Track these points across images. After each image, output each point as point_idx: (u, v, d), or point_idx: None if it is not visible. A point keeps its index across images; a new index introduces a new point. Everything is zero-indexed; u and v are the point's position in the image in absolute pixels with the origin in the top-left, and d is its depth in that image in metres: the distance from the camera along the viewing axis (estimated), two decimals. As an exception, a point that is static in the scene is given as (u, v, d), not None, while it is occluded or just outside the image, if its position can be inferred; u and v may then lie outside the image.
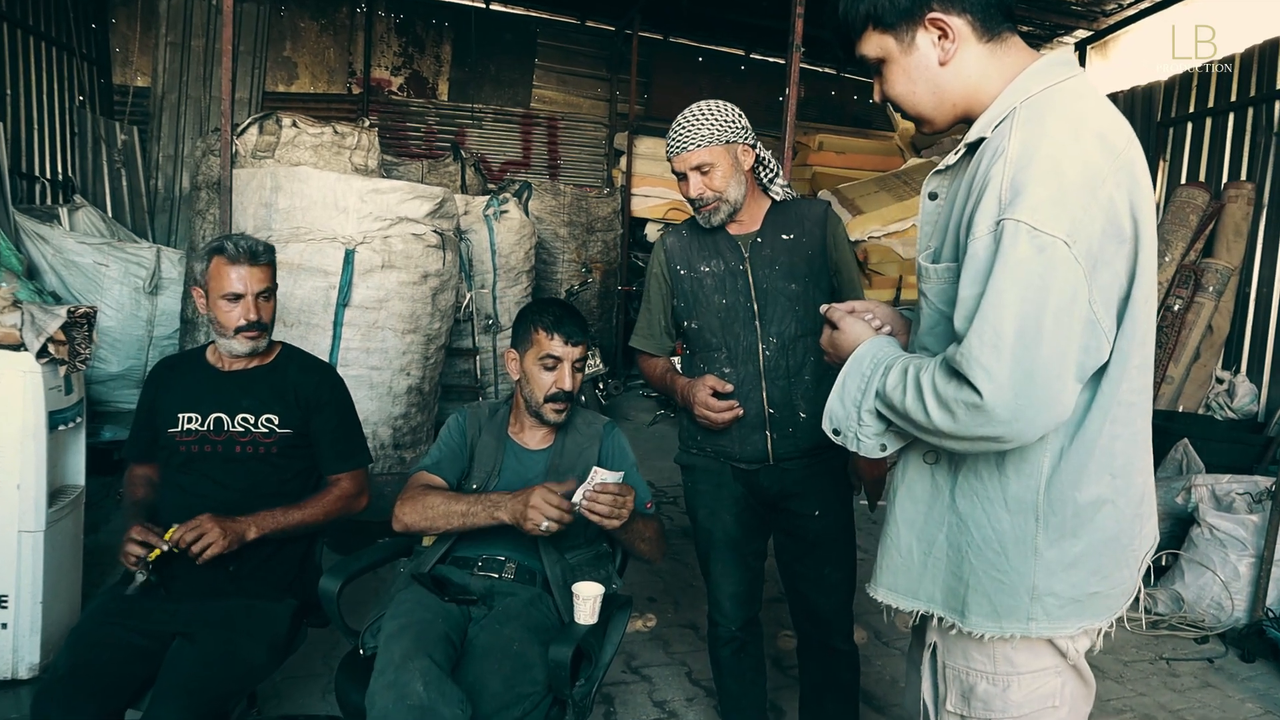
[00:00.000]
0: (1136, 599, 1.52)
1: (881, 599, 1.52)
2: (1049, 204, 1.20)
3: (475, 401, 2.53)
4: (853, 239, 7.44)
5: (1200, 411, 6.05)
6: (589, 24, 9.61)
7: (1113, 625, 1.46)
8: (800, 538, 2.42)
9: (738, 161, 2.28)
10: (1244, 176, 6.12)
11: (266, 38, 8.52)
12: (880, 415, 1.41)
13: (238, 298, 2.33)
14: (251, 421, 2.34)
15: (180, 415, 2.34)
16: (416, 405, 4.63)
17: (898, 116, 9.45)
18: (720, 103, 2.30)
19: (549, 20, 9.53)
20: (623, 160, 8.95)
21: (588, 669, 2.02)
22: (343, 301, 4.30)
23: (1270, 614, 3.86)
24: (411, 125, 9.07)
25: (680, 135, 2.25)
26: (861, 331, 1.52)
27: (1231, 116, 6.29)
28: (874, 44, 1.42)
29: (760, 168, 2.38)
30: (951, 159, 1.44)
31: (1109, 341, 1.29)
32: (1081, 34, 7.99)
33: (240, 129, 5.48)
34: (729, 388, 2.30)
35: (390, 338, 4.45)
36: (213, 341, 2.44)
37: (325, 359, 4.31)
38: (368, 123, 6.76)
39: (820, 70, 10.36)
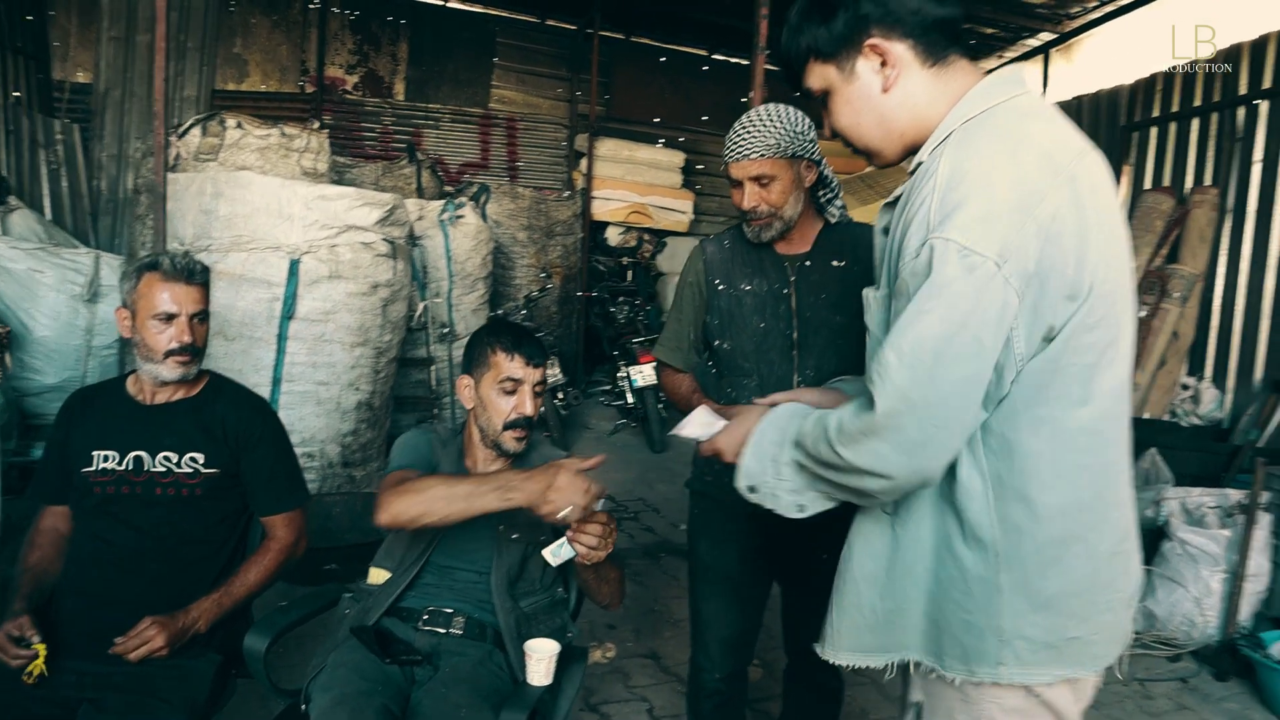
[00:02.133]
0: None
1: (846, 661, 1.42)
2: (979, 223, 1.17)
3: (431, 422, 2.34)
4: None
5: (1166, 418, 6.02)
6: (549, 23, 9.44)
7: (1102, 676, 1.37)
8: (804, 580, 2.27)
9: (800, 178, 2.10)
10: (1209, 182, 6.10)
11: (215, 33, 8.22)
12: (799, 467, 1.35)
13: (170, 318, 2.12)
14: (174, 460, 2.13)
15: (95, 453, 2.12)
16: (366, 421, 4.44)
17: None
18: (791, 110, 2.10)
19: (508, 19, 9.33)
20: (583, 162, 8.78)
21: (541, 731, 1.86)
22: (287, 314, 4.09)
23: (1243, 631, 3.79)
24: (366, 125, 8.82)
25: (743, 140, 2.05)
26: (753, 411, 1.49)
27: (1196, 121, 6.27)
28: (817, 76, 1.40)
29: (820, 187, 2.20)
30: (899, 190, 1.37)
31: (1016, 368, 1.23)
32: (1046, 37, 7.98)
33: (182, 130, 5.24)
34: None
35: (338, 351, 4.25)
36: (133, 371, 2.23)
37: (269, 374, 4.12)
38: (318, 124, 6.54)
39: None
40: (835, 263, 2.16)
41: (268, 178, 4.22)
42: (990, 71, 1.38)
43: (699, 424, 1.63)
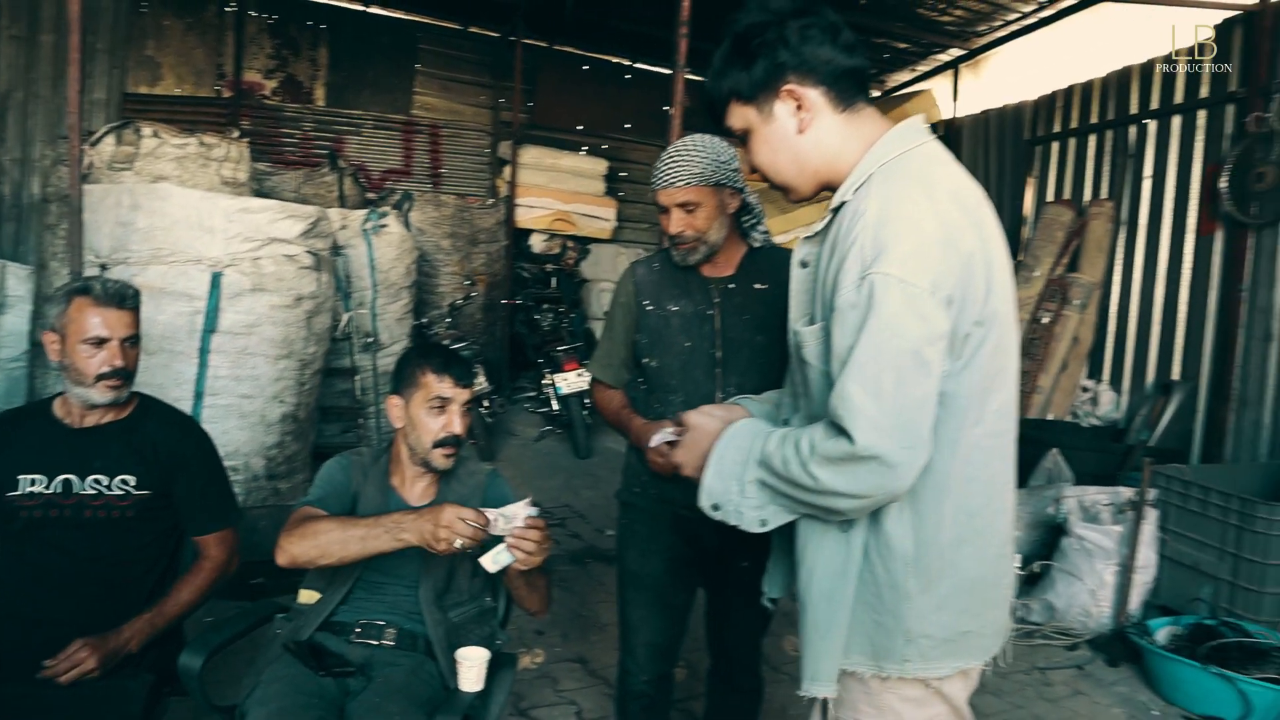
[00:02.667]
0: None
1: (825, 693, 1.45)
2: (911, 257, 1.29)
3: (357, 448, 2.39)
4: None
5: (1068, 419, 6.34)
6: (472, 30, 9.41)
7: (989, 665, 1.52)
8: (727, 586, 2.40)
9: (724, 205, 2.21)
10: (1105, 195, 6.44)
11: (126, 35, 8.02)
12: (764, 485, 1.43)
13: (101, 343, 2.13)
14: (105, 483, 2.14)
15: (21, 477, 2.12)
16: (291, 433, 4.42)
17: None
18: (716, 140, 2.21)
19: (430, 25, 9.28)
20: (507, 169, 8.80)
21: (472, 736, 1.93)
22: (209, 327, 4.06)
23: (1132, 620, 4.04)
24: (286, 131, 8.68)
25: (671, 169, 2.16)
26: (713, 422, 1.57)
27: (1093, 137, 6.61)
28: (738, 116, 1.51)
29: (745, 213, 2.31)
30: (819, 225, 1.48)
31: (941, 385, 1.34)
32: (955, 53, 8.28)
33: (95, 138, 5.13)
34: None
35: (262, 364, 4.22)
36: (61, 394, 2.23)
37: (190, 388, 4.08)
38: (237, 131, 6.45)
39: (703, 80, 10.41)
40: (758, 285, 2.29)
41: (188, 190, 4.18)
42: (902, 86, 1.51)
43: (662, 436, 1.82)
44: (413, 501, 2.22)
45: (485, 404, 6.56)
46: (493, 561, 1.94)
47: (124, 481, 2.16)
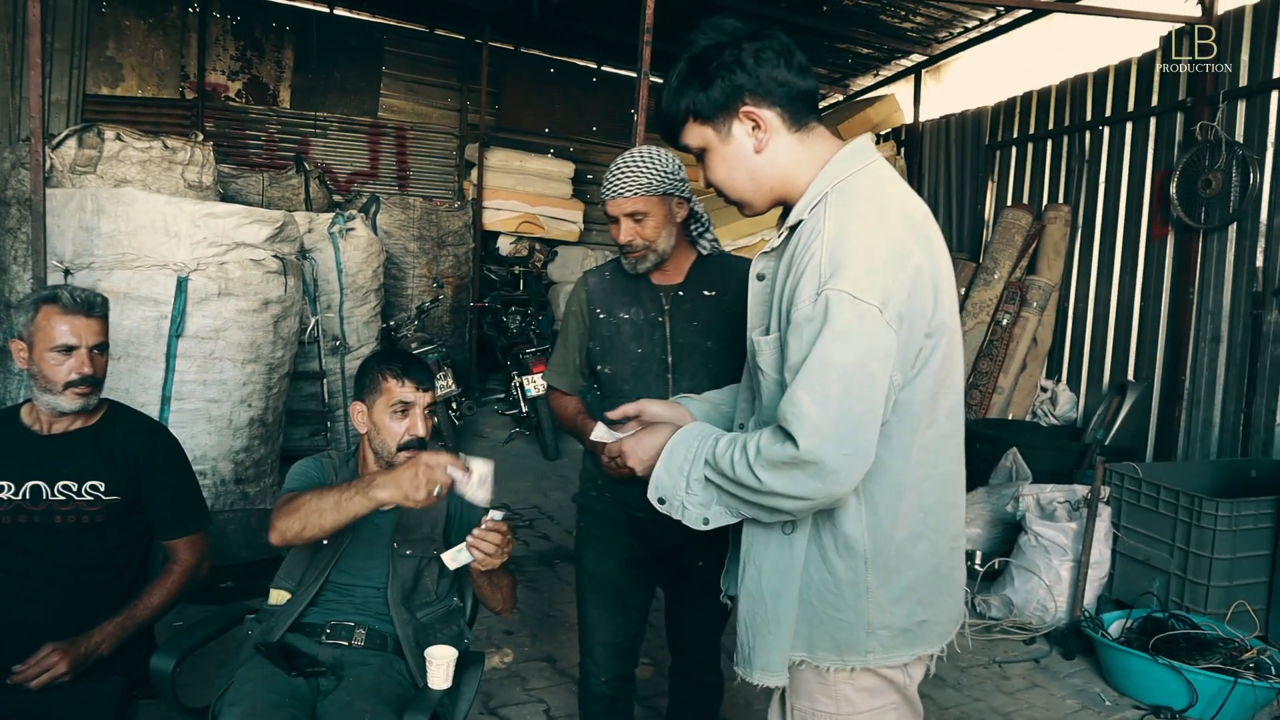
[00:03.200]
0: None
1: (775, 681, 1.52)
2: (864, 275, 1.35)
3: (327, 452, 2.42)
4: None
5: (1027, 418, 6.48)
6: (438, 32, 9.42)
7: (944, 651, 1.60)
8: (683, 584, 2.47)
9: (672, 213, 2.26)
10: (1062, 199, 6.59)
11: (86, 35, 7.94)
12: (709, 483, 1.50)
13: (70, 350, 2.15)
14: (74, 489, 2.16)
15: None
16: (259, 438, 4.42)
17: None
18: (662, 151, 2.27)
19: (396, 27, 9.28)
20: (474, 172, 8.81)
21: (442, 733, 1.98)
22: (176, 332, 4.06)
23: (1086, 614, 4.16)
24: (251, 134, 8.63)
25: (619, 180, 2.21)
26: (663, 427, 1.64)
27: (1050, 143, 6.76)
28: (695, 134, 1.55)
29: (693, 221, 2.37)
30: (776, 242, 1.55)
31: (893, 397, 1.41)
32: (917, 58, 8.41)
33: (56, 141, 5.09)
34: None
35: (229, 369, 4.23)
36: (28, 401, 2.24)
37: (157, 392, 4.08)
38: (201, 136, 6.42)
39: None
40: (707, 292, 2.35)
41: (153, 194, 4.17)
42: (865, 90, 1.57)
43: (602, 433, 1.83)
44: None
45: (453, 406, 6.57)
46: (451, 559, 1.99)
47: (93, 487, 2.17)
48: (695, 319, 2.33)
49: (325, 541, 2.20)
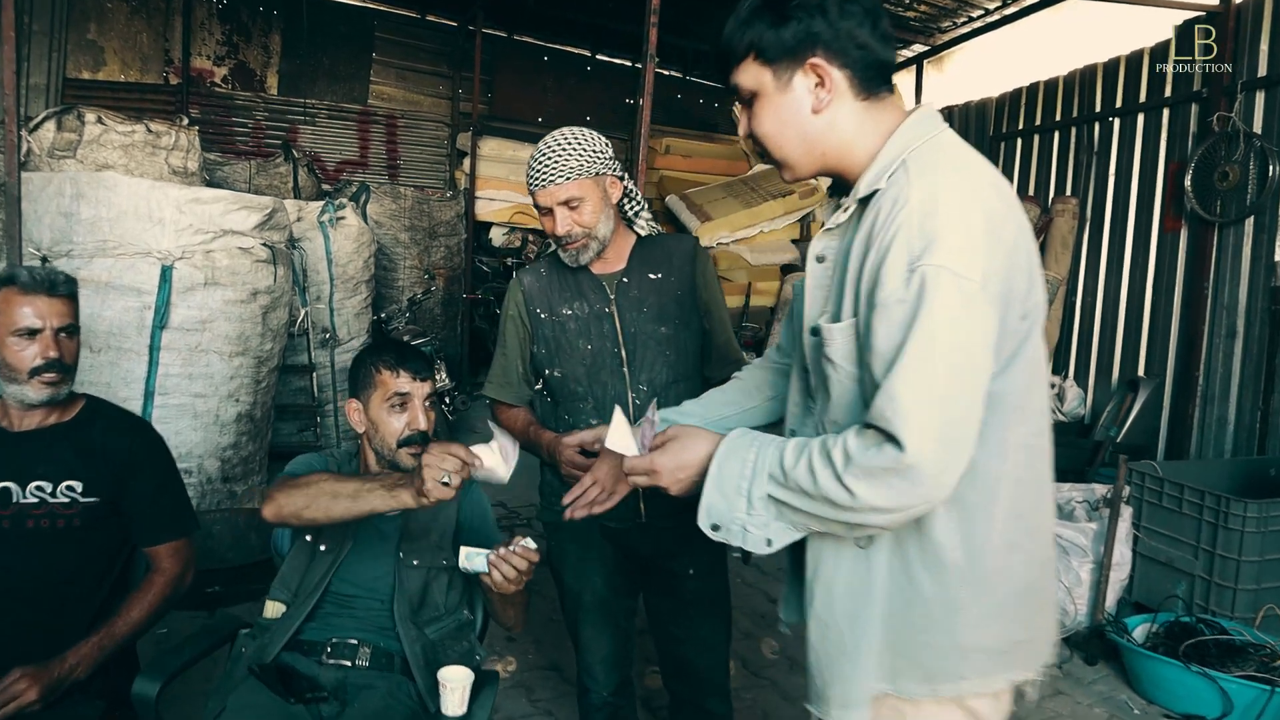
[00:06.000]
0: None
1: (857, 717, 1.35)
2: (963, 249, 1.19)
3: (331, 450, 2.25)
4: (702, 245, 7.48)
5: (1034, 415, 6.35)
6: (430, 18, 9.21)
7: (1041, 674, 1.41)
8: (676, 597, 2.30)
9: (606, 195, 2.11)
10: (1069, 192, 6.46)
11: (66, 17, 7.70)
12: (774, 501, 1.30)
13: (33, 333, 1.96)
14: (48, 490, 1.97)
15: None
16: (247, 434, 4.23)
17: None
18: (585, 131, 2.12)
19: (387, 13, 9.06)
20: (466, 161, 8.62)
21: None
22: (160, 323, 3.86)
23: (1109, 618, 4.02)
24: (238, 121, 8.40)
25: (545, 167, 2.05)
26: (700, 435, 1.41)
27: (1057, 134, 6.63)
28: (751, 75, 1.36)
29: (626, 200, 2.22)
30: (841, 217, 1.36)
31: (989, 385, 1.24)
32: (919, 48, 8.27)
33: (34, 124, 4.89)
34: (598, 445, 2.11)
35: (216, 361, 4.03)
36: (-3, 395, 2.06)
37: (140, 387, 3.88)
38: (187, 120, 6.20)
39: (667, 74, 10.33)
40: (652, 275, 2.20)
41: (136, 179, 3.97)
42: None
43: (622, 434, 1.51)
44: None
45: (446, 401, 6.39)
46: (466, 559, 1.83)
47: (70, 488, 1.98)
48: (644, 305, 2.18)
49: (323, 548, 2.03)
